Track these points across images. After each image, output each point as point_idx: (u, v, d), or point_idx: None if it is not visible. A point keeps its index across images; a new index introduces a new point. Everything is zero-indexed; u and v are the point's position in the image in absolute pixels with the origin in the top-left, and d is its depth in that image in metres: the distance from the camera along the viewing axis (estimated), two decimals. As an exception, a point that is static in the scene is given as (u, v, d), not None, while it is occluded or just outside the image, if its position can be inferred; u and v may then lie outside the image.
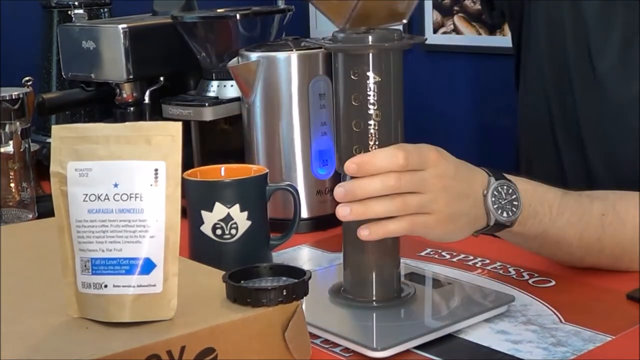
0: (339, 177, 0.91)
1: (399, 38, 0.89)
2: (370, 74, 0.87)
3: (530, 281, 1.01)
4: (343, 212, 0.85)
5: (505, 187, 0.91)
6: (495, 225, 0.92)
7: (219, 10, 1.38)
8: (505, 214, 0.91)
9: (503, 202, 0.91)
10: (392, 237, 0.90)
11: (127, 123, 0.76)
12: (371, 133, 0.88)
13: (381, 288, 0.92)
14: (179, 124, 0.75)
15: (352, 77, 0.88)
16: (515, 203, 0.91)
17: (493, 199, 0.90)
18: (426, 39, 0.97)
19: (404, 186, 0.85)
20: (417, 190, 0.86)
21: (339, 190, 0.86)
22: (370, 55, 0.87)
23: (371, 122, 0.88)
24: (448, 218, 0.88)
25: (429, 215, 0.87)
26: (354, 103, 0.88)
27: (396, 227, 0.86)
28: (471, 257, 1.10)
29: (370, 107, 0.87)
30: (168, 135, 0.74)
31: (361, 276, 0.93)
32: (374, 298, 0.92)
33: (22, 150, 1.26)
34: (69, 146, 0.75)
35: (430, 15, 2.48)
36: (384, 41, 0.88)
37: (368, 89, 0.87)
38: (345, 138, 0.90)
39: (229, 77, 1.30)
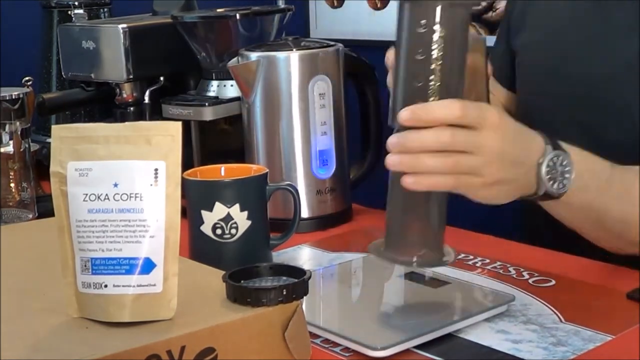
0: (339, 177, 0.91)
1: None
2: (437, 27, 0.84)
3: (530, 281, 1.01)
4: (393, 161, 0.84)
5: (560, 157, 0.90)
6: (543, 195, 0.91)
7: (219, 10, 1.38)
8: (556, 185, 0.90)
9: (556, 174, 0.90)
10: (439, 195, 0.86)
11: (127, 123, 0.76)
12: (431, 88, 0.84)
13: (424, 248, 0.87)
14: (179, 124, 0.75)
15: (418, 30, 0.84)
16: (567, 175, 0.91)
17: (547, 169, 0.89)
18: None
19: (458, 144, 0.83)
20: (472, 152, 0.84)
21: (393, 140, 0.84)
22: (439, 8, 0.84)
23: (432, 77, 0.84)
24: (496, 182, 0.86)
25: (478, 177, 0.85)
26: (417, 57, 0.85)
27: (442, 180, 0.84)
28: (471, 257, 1.10)
29: (434, 62, 0.84)
30: (168, 135, 0.74)
31: (404, 234, 0.88)
32: (415, 260, 0.88)
33: (22, 150, 1.25)
34: (69, 146, 0.75)
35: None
36: None
37: (433, 44, 0.84)
38: (403, 92, 0.86)
39: (229, 77, 1.30)
